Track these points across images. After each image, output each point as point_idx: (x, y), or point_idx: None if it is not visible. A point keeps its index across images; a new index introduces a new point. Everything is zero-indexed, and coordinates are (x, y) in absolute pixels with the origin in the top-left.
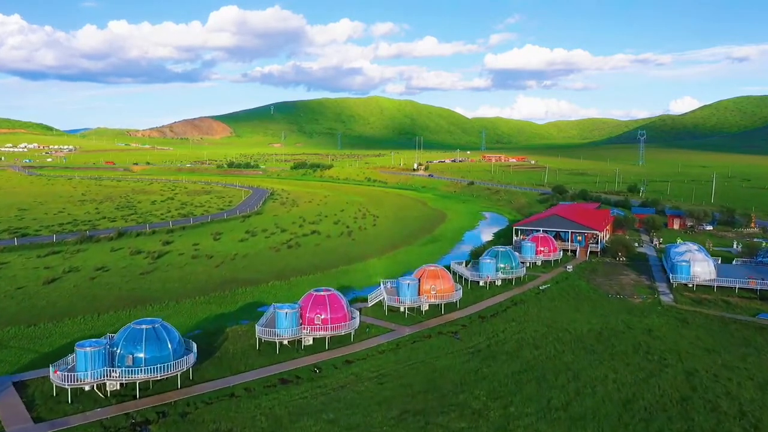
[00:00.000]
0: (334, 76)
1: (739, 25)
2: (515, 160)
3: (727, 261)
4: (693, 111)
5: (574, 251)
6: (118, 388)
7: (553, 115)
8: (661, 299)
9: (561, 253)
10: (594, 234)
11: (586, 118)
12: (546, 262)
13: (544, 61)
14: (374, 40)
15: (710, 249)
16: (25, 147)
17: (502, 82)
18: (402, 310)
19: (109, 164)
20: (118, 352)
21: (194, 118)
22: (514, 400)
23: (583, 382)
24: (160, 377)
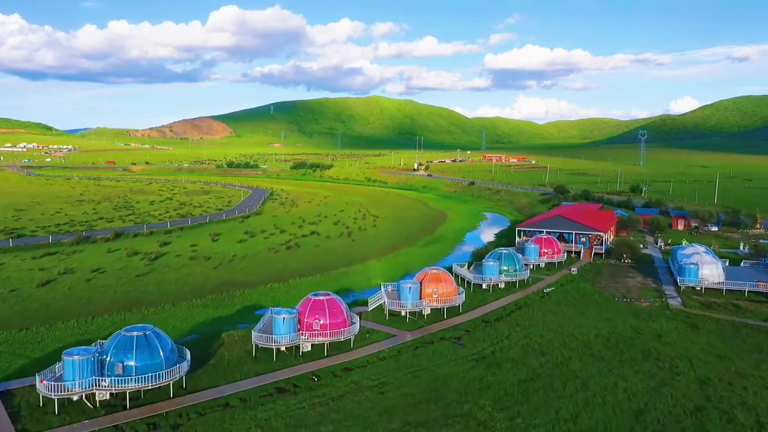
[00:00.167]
0: (334, 76)
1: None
2: (516, 160)
3: (735, 263)
4: (693, 111)
5: (578, 253)
6: (107, 398)
7: (553, 115)
8: (669, 303)
9: (565, 254)
10: (598, 235)
11: (586, 118)
12: (550, 264)
13: (544, 61)
14: (374, 40)
15: (716, 250)
16: (24, 147)
17: (502, 82)
18: (403, 314)
19: (110, 164)
20: (108, 360)
21: (194, 118)
22: (521, 410)
23: (592, 391)
24: (151, 386)
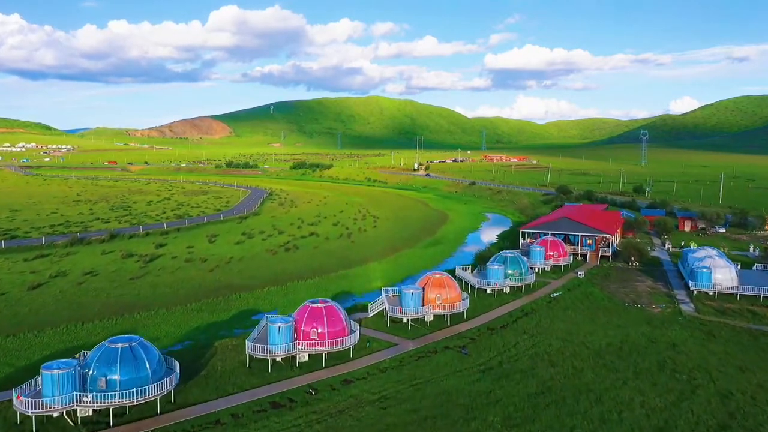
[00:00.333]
0: (334, 76)
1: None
2: (517, 160)
3: (746, 266)
4: (693, 111)
5: (584, 255)
6: (90, 415)
7: (553, 115)
8: (682, 308)
9: (571, 257)
10: (605, 237)
11: (586, 118)
12: (556, 267)
13: (544, 61)
14: (374, 40)
15: (727, 253)
16: (22, 146)
17: (502, 82)
18: (405, 321)
19: (113, 164)
20: (91, 373)
21: (194, 118)
22: (533, 429)
23: (607, 406)
24: (137, 402)
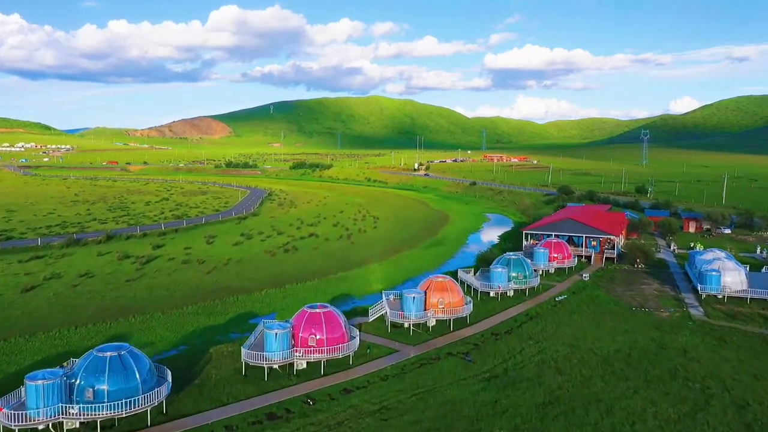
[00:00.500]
0: (334, 76)
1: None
2: (517, 160)
3: (754, 268)
4: (694, 111)
5: (589, 257)
6: (77, 427)
7: (553, 115)
8: (691, 313)
9: (575, 259)
10: (610, 239)
11: (586, 118)
12: (560, 270)
13: (544, 61)
14: (374, 40)
15: (734, 255)
16: (22, 146)
17: (502, 82)
18: (406, 326)
19: (113, 164)
20: (78, 384)
21: (193, 118)
22: None
23: (618, 417)
24: (126, 414)
